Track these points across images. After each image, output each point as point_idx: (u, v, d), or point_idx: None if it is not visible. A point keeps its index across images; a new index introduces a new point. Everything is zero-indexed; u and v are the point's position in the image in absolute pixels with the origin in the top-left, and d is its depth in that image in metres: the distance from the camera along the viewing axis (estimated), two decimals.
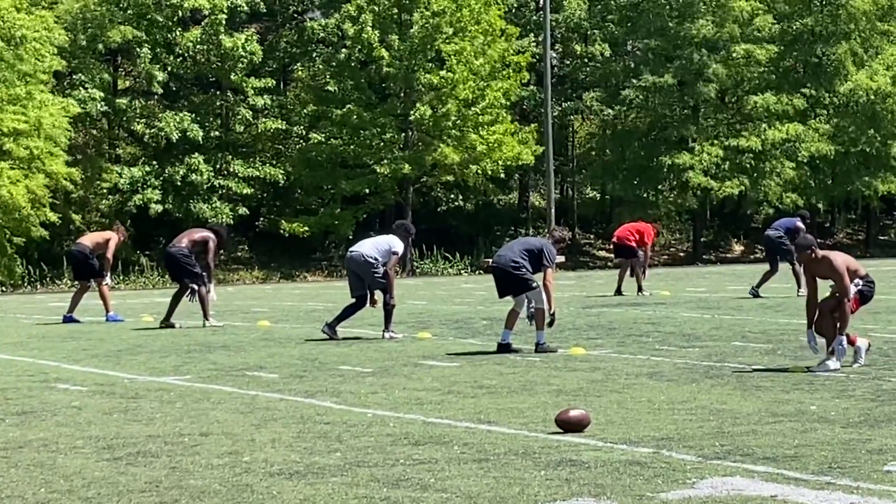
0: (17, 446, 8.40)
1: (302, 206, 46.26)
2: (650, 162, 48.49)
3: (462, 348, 14.64)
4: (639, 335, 15.64)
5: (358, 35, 42.65)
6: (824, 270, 11.77)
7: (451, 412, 9.49)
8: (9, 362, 14.26)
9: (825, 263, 11.72)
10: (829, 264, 11.68)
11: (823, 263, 11.73)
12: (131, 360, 14.07)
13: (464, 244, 45.99)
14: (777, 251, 22.95)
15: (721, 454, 7.48)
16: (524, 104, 50.58)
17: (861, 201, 54.41)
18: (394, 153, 43.29)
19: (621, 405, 9.65)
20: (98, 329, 19.16)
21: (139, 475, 7.25)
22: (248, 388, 11.31)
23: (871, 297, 12.17)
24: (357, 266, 16.21)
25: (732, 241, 53.69)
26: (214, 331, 18.00)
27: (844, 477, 6.75)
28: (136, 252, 40.51)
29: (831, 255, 11.81)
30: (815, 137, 48.29)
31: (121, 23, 40.90)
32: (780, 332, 15.43)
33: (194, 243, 19.07)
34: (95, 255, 21.07)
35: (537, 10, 50.89)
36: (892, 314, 17.65)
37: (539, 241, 14.57)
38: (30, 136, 36.15)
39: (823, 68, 49.99)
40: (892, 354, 12.71)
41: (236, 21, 45.47)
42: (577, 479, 6.82)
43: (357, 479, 6.97)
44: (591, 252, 50.85)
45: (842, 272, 11.60)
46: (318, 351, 14.65)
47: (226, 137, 44.50)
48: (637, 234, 24.76)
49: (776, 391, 10.23)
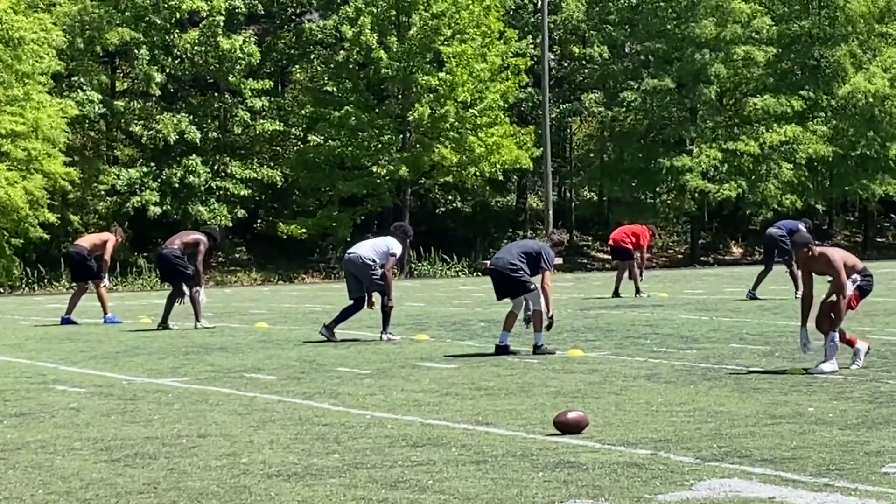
0: (15, 448, 8.39)
1: (300, 207, 46.26)
2: (648, 164, 48.51)
3: (460, 350, 14.64)
4: (637, 337, 15.65)
5: (356, 37, 42.64)
6: (821, 267, 11.80)
7: (448, 414, 9.49)
8: (7, 364, 14.25)
9: (822, 260, 11.74)
10: (826, 261, 11.71)
11: (820, 260, 11.76)
12: (129, 362, 14.07)
13: (461, 246, 45.99)
14: (777, 249, 22.90)
15: (719, 456, 7.48)
16: (522, 106, 50.57)
17: (859, 204, 54.44)
18: (392, 155, 43.30)
19: (619, 407, 9.66)
20: (96, 331, 19.15)
21: (137, 477, 7.25)
22: (246, 389, 11.31)
23: (870, 291, 12.19)
24: (355, 268, 16.21)
25: (731, 244, 53.71)
26: (211, 333, 18.00)
27: (842, 479, 6.75)
28: (133, 254, 40.50)
29: (828, 252, 11.84)
30: (813, 139, 48.33)
31: (119, 25, 40.89)
32: (777, 335, 15.43)
33: (186, 245, 19.12)
34: (93, 256, 21.07)
35: (535, 12, 50.90)
36: (890, 316, 17.66)
37: (537, 244, 14.57)
38: (28, 138, 36.14)
39: (822, 71, 50.03)
40: (890, 357, 12.72)
41: (234, 23, 45.48)
42: (575, 481, 6.82)
43: (355, 481, 6.97)
44: (588, 254, 50.86)
45: (839, 268, 11.63)
46: (316, 353, 14.64)
47: (224, 139, 44.49)
48: (633, 237, 24.79)
49: (774, 393, 10.23)
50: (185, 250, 19.04)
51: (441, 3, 42.92)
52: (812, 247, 11.76)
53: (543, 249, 14.23)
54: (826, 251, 11.84)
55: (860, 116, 49.47)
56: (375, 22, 43.09)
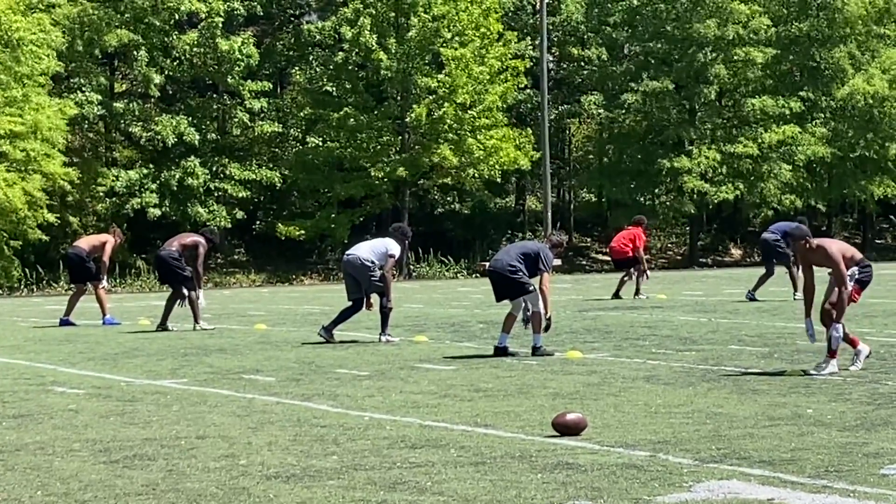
0: (13, 449, 8.39)
1: (298, 209, 46.26)
2: (647, 166, 48.50)
3: (458, 352, 14.64)
4: (635, 339, 15.65)
5: (355, 38, 42.64)
6: (820, 259, 11.82)
7: (447, 415, 9.49)
8: (5, 365, 14.25)
9: (820, 252, 11.76)
10: (825, 252, 11.73)
11: (819, 252, 11.78)
12: (128, 364, 14.07)
13: (460, 247, 45.99)
14: (773, 254, 22.92)
15: (718, 458, 7.49)
16: (521, 108, 50.57)
17: (857, 205, 54.44)
18: (390, 156, 43.30)
19: (618, 409, 9.66)
20: (95, 332, 19.15)
21: (136, 478, 7.25)
22: (245, 391, 11.31)
23: (870, 282, 12.21)
24: (354, 269, 16.21)
25: (730, 246, 53.71)
26: (210, 334, 18.00)
27: (841, 480, 6.76)
28: (132, 255, 40.50)
29: (826, 244, 11.86)
30: (812, 141, 48.34)
31: (118, 26, 40.90)
32: (776, 336, 15.43)
33: (185, 247, 19.14)
34: (92, 258, 21.07)
35: (534, 13, 50.90)
36: (889, 318, 17.66)
37: (536, 246, 14.58)
38: (26, 139, 36.13)
39: (820, 72, 50.05)
40: (889, 358, 12.73)
41: (233, 24, 45.48)
42: (573, 483, 6.82)
43: (354, 483, 6.97)
44: (588, 255, 50.86)
45: (837, 260, 11.66)
46: (315, 354, 14.64)
47: (222, 140, 44.49)
48: (630, 243, 24.72)
49: (773, 394, 10.24)
50: (183, 252, 19.07)
51: (440, 5, 42.91)
52: (810, 239, 11.78)
53: (542, 251, 14.24)
54: (824, 243, 11.87)
55: (859, 118, 49.49)
56: (374, 23, 43.09)
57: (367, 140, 43.18)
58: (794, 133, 47.80)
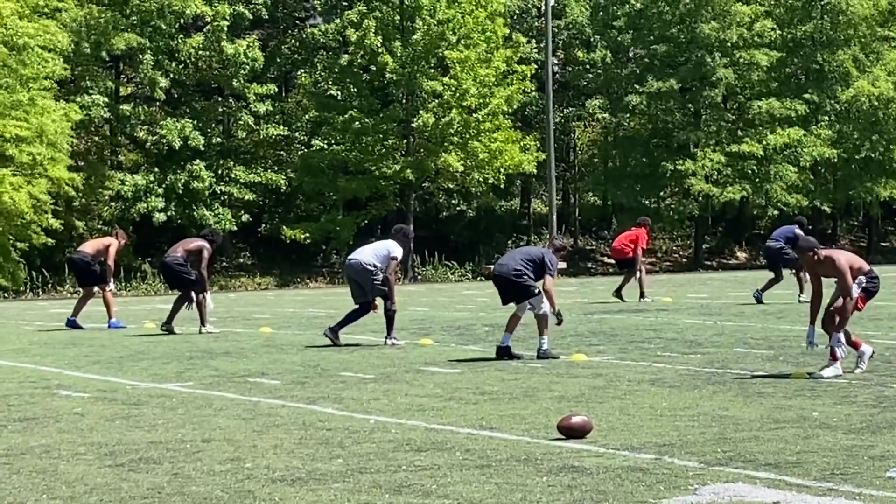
0: (19, 453, 8.40)
1: (303, 212, 46.25)
2: (652, 168, 48.49)
3: (464, 355, 14.64)
4: (641, 341, 15.64)
5: (360, 40, 42.66)
6: (827, 270, 11.80)
7: (453, 418, 9.49)
8: (11, 369, 14.26)
9: (828, 263, 11.75)
10: (832, 264, 11.71)
11: (826, 263, 11.76)
12: (133, 367, 14.08)
13: (465, 251, 45.98)
14: (779, 261, 22.98)
15: (723, 460, 7.48)
16: (526, 110, 50.56)
17: (862, 207, 54.39)
18: (395, 159, 43.31)
19: (623, 411, 9.65)
20: (100, 336, 19.17)
21: (141, 482, 7.25)
22: (250, 394, 11.31)
23: (876, 293, 12.19)
24: (356, 274, 16.20)
25: (735, 248, 53.66)
26: (216, 337, 18.02)
27: (847, 483, 6.75)
28: (138, 259, 40.52)
29: (834, 255, 11.83)
30: (816, 143, 48.31)
31: (124, 30, 40.93)
32: (782, 339, 15.43)
33: (190, 252, 19.22)
34: (97, 261, 21.10)
35: (539, 16, 50.90)
36: (894, 320, 17.66)
37: (540, 251, 14.59)
38: (32, 143, 36.15)
39: (825, 74, 50.02)
40: (894, 361, 12.71)
41: (238, 28, 45.49)
42: (579, 486, 6.82)
43: (359, 486, 6.97)
44: (593, 258, 50.84)
45: (844, 271, 11.63)
46: (320, 357, 14.65)
47: (228, 144, 44.52)
48: (632, 244, 24.81)
49: (778, 397, 10.23)
50: (188, 258, 19.14)
51: (446, 9, 42.92)
52: (817, 251, 11.77)
53: (547, 255, 14.27)
54: (831, 254, 11.84)
55: (864, 120, 49.45)
56: (380, 26, 43.10)
57: (372, 143, 43.17)
58: (800, 136, 47.79)
